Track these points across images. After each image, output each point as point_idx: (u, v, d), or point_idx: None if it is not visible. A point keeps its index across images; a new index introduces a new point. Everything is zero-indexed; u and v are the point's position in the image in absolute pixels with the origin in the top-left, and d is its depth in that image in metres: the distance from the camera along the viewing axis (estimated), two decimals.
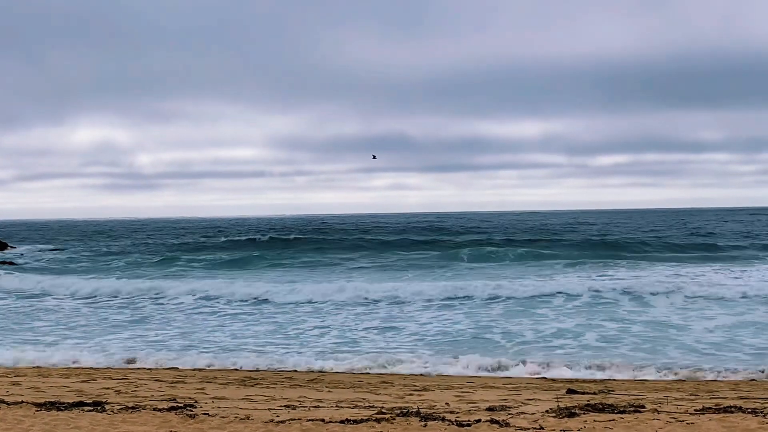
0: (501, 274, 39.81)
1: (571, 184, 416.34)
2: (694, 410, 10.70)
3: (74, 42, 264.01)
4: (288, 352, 19.62)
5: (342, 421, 9.86)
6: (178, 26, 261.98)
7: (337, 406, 11.60)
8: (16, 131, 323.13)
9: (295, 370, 17.37)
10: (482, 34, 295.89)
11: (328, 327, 23.61)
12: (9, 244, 70.52)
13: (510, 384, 15.02)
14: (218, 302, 29.36)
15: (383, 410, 10.86)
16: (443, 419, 9.96)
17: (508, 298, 28.63)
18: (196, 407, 11.15)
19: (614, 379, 16.14)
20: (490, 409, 11.21)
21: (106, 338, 22.22)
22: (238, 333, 22.84)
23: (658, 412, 10.47)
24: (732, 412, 10.34)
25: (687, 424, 9.58)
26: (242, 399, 12.57)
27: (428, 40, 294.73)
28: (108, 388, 13.76)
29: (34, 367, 17.70)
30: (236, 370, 17.58)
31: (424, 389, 14.07)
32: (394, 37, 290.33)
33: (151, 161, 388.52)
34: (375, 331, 22.62)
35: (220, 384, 14.75)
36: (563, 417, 10.09)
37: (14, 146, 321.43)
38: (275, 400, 12.49)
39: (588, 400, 11.73)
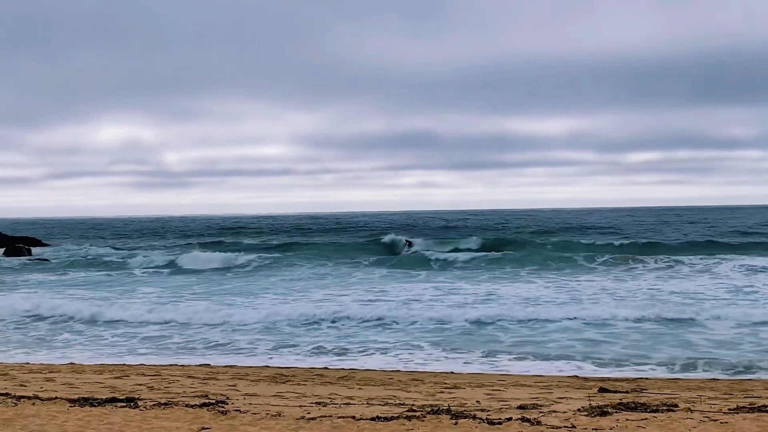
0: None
1: (600, 181, 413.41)
2: (728, 409, 10.59)
3: (98, 41, 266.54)
4: None
5: (373, 419, 9.85)
6: (202, 24, 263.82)
7: (367, 404, 11.62)
8: (43, 130, 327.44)
9: (326, 368, 17.43)
10: (507, 29, 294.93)
11: None
12: (43, 242, 71.27)
13: (541, 382, 14.96)
14: None
15: (414, 408, 10.85)
16: (474, 417, 9.93)
17: None
18: (228, 403, 11.22)
19: (647, 378, 16.02)
20: (521, 407, 11.17)
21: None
22: None
23: (692, 411, 10.38)
24: (767, 412, 10.22)
25: (721, 423, 9.48)
26: (273, 396, 12.63)
27: (453, 37, 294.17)
28: (141, 385, 13.88)
29: (68, 364, 17.90)
30: (267, 367, 17.67)
31: (455, 387, 14.04)
32: (419, 34, 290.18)
33: (179, 159, 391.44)
34: None
35: (252, 381, 14.82)
36: (595, 416, 10.02)
37: (42, 145, 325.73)
38: (306, 397, 12.53)
39: (620, 399, 11.65)
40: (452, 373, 16.83)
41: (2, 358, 19.08)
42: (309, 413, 10.40)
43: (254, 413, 10.33)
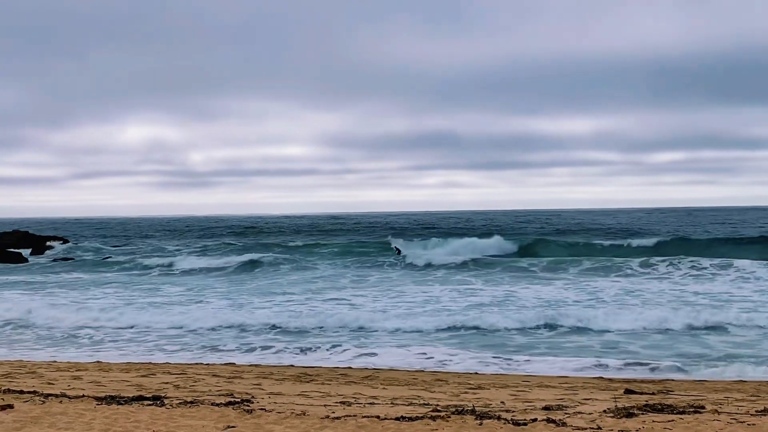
0: None
1: (625, 182, 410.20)
2: (756, 411, 10.51)
3: (123, 41, 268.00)
4: None
5: (397, 418, 9.86)
6: (224, 23, 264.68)
7: (392, 403, 11.63)
8: (68, 130, 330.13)
9: (350, 367, 17.46)
10: (530, 28, 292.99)
11: None
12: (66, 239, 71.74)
13: (566, 383, 14.90)
14: None
15: (438, 408, 10.85)
16: (499, 418, 9.91)
17: None
18: (253, 402, 11.27)
19: (673, 379, 15.92)
20: (546, 408, 11.14)
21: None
22: None
23: (719, 413, 10.31)
24: None
25: (748, 425, 9.41)
26: (298, 395, 12.67)
27: (476, 35, 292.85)
28: (167, 383, 13.98)
29: (95, 362, 18.04)
30: (292, 366, 17.72)
31: (479, 387, 14.02)
32: (441, 33, 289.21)
33: (203, 159, 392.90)
34: None
35: (276, 380, 14.88)
36: (621, 417, 9.98)
37: (67, 145, 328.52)
38: (330, 396, 12.56)
39: (646, 401, 11.59)
40: (476, 373, 16.80)
41: (30, 356, 19.27)
42: (333, 412, 10.43)
43: (279, 412, 10.38)
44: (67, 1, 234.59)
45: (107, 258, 54.44)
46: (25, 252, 57.48)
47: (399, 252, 52.62)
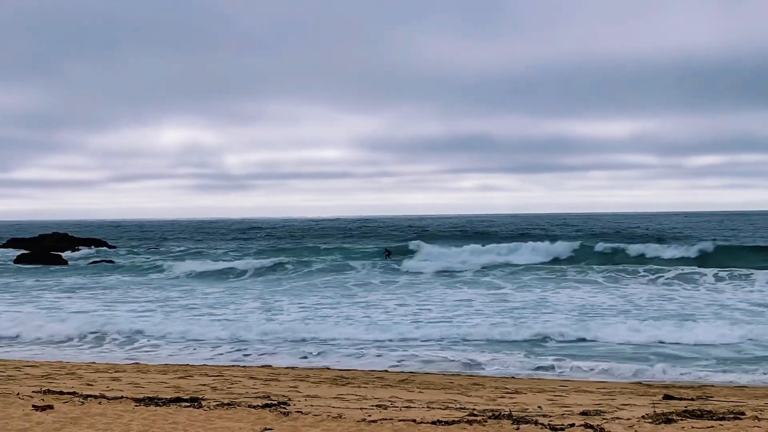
0: None
1: (663, 185, 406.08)
2: None
3: (159, 45, 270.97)
4: None
5: (433, 422, 9.84)
6: (259, 27, 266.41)
7: (428, 407, 11.60)
8: (105, 133, 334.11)
9: (386, 371, 17.45)
10: (565, 29, 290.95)
11: None
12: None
13: (604, 388, 14.78)
14: None
15: (475, 412, 10.81)
16: (536, 423, 9.85)
17: None
18: (289, 405, 11.31)
19: (712, 385, 15.72)
20: (584, 413, 11.05)
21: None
22: None
23: (759, 419, 10.15)
24: None
25: None
26: (334, 398, 12.69)
27: (511, 37, 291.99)
28: (204, 385, 14.06)
29: (133, 363, 18.21)
30: (328, 369, 17.75)
31: (516, 392, 13.95)
32: (476, 35, 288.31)
33: (239, 162, 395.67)
34: None
35: (313, 383, 14.92)
36: (660, 423, 9.87)
37: (104, 148, 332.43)
38: (367, 399, 12.56)
39: (685, 406, 11.46)
40: (513, 377, 16.72)
41: (70, 357, 19.47)
42: (370, 416, 10.43)
43: (315, 415, 10.39)
44: (105, 6, 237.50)
45: (145, 261, 54.97)
46: (65, 254, 58.19)
47: (389, 254, 53.67)
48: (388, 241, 69.08)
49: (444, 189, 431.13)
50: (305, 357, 19.57)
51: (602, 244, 52.38)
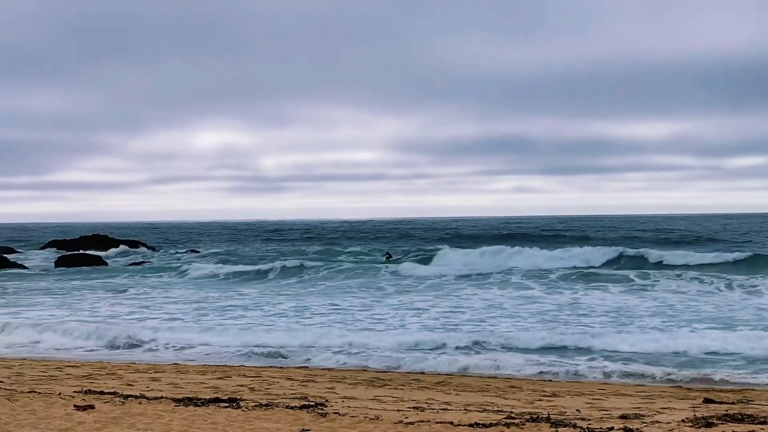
0: None
1: (702, 187, 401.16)
2: None
3: (194, 49, 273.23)
4: None
5: (471, 425, 9.82)
6: (295, 29, 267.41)
7: (465, 410, 11.58)
8: (143, 137, 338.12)
9: (423, 372, 17.44)
10: (601, 30, 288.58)
11: None
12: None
13: (643, 392, 14.64)
14: None
15: (512, 415, 10.77)
16: (574, 426, 9.80)
17: None
18: (326, 406, 11.34)
19: (753, 389, 15.51)
20: (623, 416, 10.97)
21: None
22: None
23: None
24: None
25: None
26: (371, 399, 12.71)
27: (545, 38, 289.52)
28: (242, 386, 14.15)
29: (172, 364, 18.36)
30: (365, 370, 17.78)
31: (554, 395, 13.87)
32: (510, 36, 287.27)
33: (274, 164, 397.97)
34: None
35: (350, 384, 14.95)
36: (700, 427, 9.77)
37: (143, 151, 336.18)
38: (404, 401, 12.57)
39: (726, 410, 11.31)
40: (551, 381, 16.63)
41: (109, 358, 19.68)
42: (407, 417, 10.43)
43: (353, 416, 10.42)
44: (140, 10, 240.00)
45: (182, 261, 55.43)
46: (104, 255, 58.85)
47: (389, 257, 54.74)
48: (418, 243, 68.90)
49: (479, 191, 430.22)
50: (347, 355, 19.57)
51: (641, 249, 51.68)
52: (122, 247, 67.84)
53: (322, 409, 10.94)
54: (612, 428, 9.72)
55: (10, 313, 27.94)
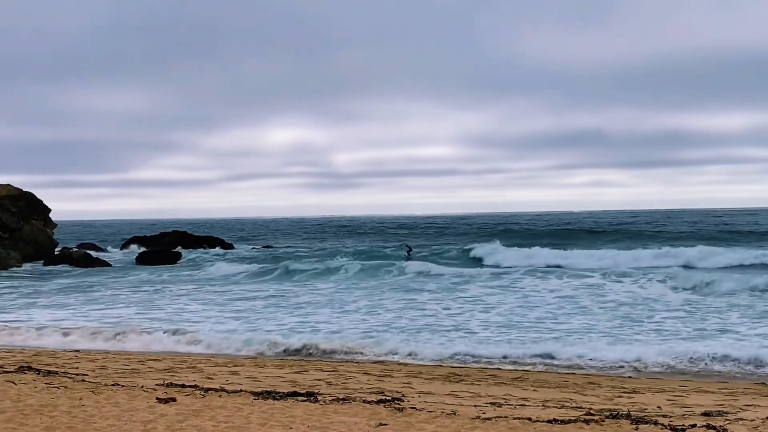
0: None
1: None
2: None
3: (265, 46, 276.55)
4: None
5: (549, 421, 9.73)
6: (364, 25, 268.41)
7: (543, 406, 11.47)
8: (217, 134, 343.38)
9: (499, 368, 17.33)
10: (675, 21, 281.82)
11: None
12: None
13: (726, 389, 14.30)
14: None
15: (592, 411, 10.64)
16: (656, 423, 9.63)
17: None
18: (403, 401, 11.36)
19: None
20: (705, 414, 10.74)
21: None
22: None
23: None
24: None
25: None
26: (448, 395, 12.68)
27: (618, 30, 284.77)
28: (319, 380, 14.27)
29: (251, 358, 18.62)
30: (440, 366, 17.75)
31: (634, 392, 13.65)
32: (583, 28, 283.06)
33: (347, 160, 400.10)
34: None
35: (426, 379, 14.95)
36: None
37: (217, 148, 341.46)
38: (480, 397, 12.51)
39: None
40: (630, 377, 16.37)
41: (189, 351, 20.03)
42: (484, 413, 10.39)
43: (430, 411, 10.42)
44: (212, 9, 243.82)
45: (259, 257, 56.07)
46: (184, 252, 59.97)
47: (410, 251, 55.24)
48: (473, 239, 68.07)
49: (554, 185, 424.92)
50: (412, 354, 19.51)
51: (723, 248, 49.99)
52: (204, 244, 68.68)
53: (399, 404, 10.96)
54: (694, 425, 9.53)
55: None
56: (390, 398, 11.56)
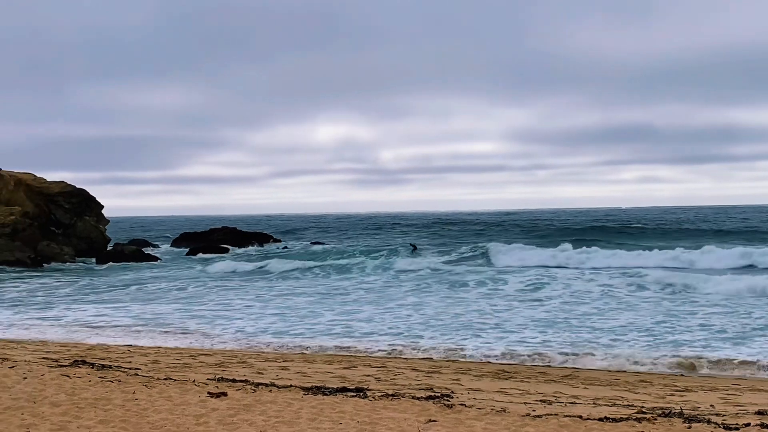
0: None
1: None
2: None
3: (310, 43, 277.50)
4: None
5: (600, 419, 9.65)
6: (410, 22, 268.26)
7: (594, 404, 11.39)
8: (264, 131, 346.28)
9: (549, 366, 17.24)
10: (726, 15, 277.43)
11: None
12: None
13: None
14: None
15: (644, 410, 10.53)
16: (708, 422, 9.50)
17: None
18: (452, 397, 11.34)
19: None
20: (759, 412, 10.57)
21: None
22: None
23: None
24: None
25: None
26: (497, 392, 12.64)
27: (666, 24, 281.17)
28: (368, 376, 14.32)
29: (300, 353, 18.74)
30: (489, 362, 17.70)
31: (686, 390, 13.49)
32: (632, 23, 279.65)
33: (393, 157, 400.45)
34: None
35: (475, 376, 14.92)
36: None
37: (264, 145, 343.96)
38: (530, 394, 12.46)
39: None
40: (682, 375, 16.17)
41: (237, 345, 20.21)
42: (534, 410, 10.34)
43: (479, 408, 10.39)
44: (259, 7, 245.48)
45: (306, 253, 56.33)
46: (234, 248, 60.52)
47: (414, 248, 56.71)
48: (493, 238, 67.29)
49: (602, 181, 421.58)
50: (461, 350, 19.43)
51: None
52: (253, 241, 69.11)
53: (448, 401, 10.95)
54: (748, 424, 9.39)
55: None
56: (439, 394, 11.56)
